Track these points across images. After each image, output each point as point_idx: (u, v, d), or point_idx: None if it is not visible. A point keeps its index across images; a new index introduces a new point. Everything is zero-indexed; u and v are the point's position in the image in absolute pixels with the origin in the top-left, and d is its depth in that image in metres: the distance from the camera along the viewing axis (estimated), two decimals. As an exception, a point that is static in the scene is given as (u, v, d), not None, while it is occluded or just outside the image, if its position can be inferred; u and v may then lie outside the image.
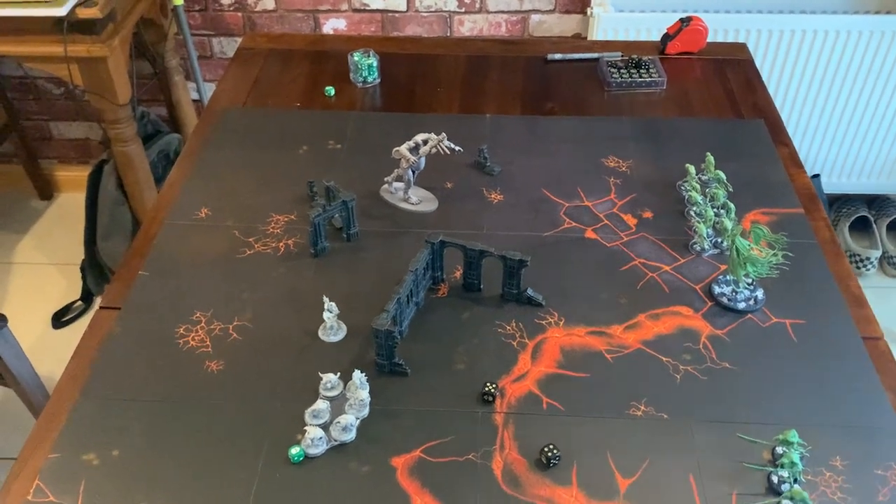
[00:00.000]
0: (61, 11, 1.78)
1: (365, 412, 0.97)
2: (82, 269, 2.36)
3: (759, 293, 1.13)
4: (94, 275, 2.36)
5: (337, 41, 1.77)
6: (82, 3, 1.79)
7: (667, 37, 1.66)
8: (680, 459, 0.93)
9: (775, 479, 0.90)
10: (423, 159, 1.25)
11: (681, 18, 1.66)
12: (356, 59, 1.56)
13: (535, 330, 1.08)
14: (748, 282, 1.13)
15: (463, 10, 2.21)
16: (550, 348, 1.06)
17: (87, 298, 2.36)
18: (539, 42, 1.74)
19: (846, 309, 1.12)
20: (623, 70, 1.59)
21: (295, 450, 0.92)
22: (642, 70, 1.59)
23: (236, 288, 1.14)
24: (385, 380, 1.02)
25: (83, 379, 1.02)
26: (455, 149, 1.26)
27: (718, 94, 1.56)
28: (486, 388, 0.99)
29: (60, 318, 2.30)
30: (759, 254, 1.10)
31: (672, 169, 1.36)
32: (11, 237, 2.58)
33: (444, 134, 1.24)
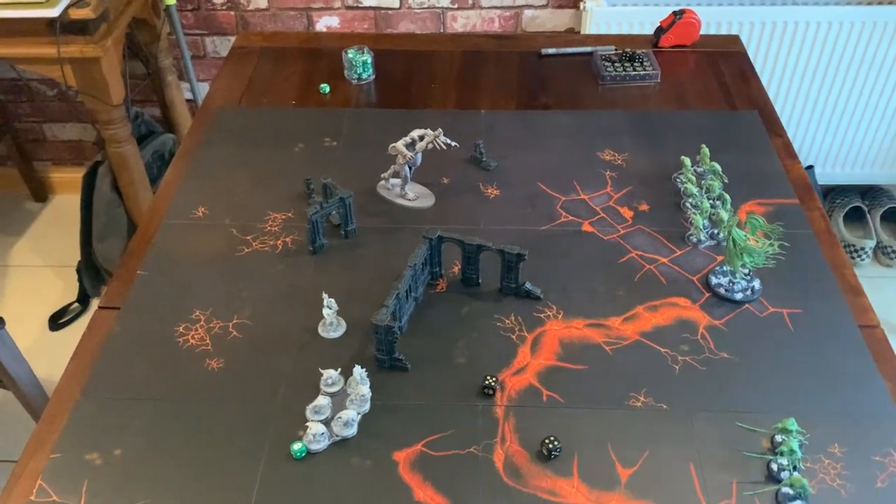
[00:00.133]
0: (54, 12, 1.77)
1: (366, 407, 0.97)
2: (78, 271, 2.35)
3: (756, 283, 1.13)
4: (91, 276, 2.35)
5: (331, 38, 1.77)
6: (75, 3, 1.79)
7: (660, 30, 1.67)
8: (680, 449, 0.94)
9: (775, 467, 0.91)
10: (419, 155, 1.26)
11: (674, 11, 1.66)
12: (350, 55, 1.56)
13: (533, 323, 1.09)
14: (745, 272, 1.13)
15: (456, 6, 2.21)
16: (549, 341, 1.07)
17: (83, 300, 2.35)
18: (533, 37, 1.75)
19: (842, 298, 1.12)
20: (617, 64, 1.59)
21: (297, 445, 0.92)
22: (636, 63, 1.59)
23: (235, 286, 1.14)
24: (385, 375, 1.02)
25: (84, 379, 1.02)
26: (451, 144, 1.26)
27: (712, 87, 1.57)
28: (487, 382, 0.99)
29: (57, 321, 2.30)
30: (755, 244, 1.10)
31: (667, 161, 1.36)
32: (6, 240, 2.58)
33: (440, 129, 1.25)
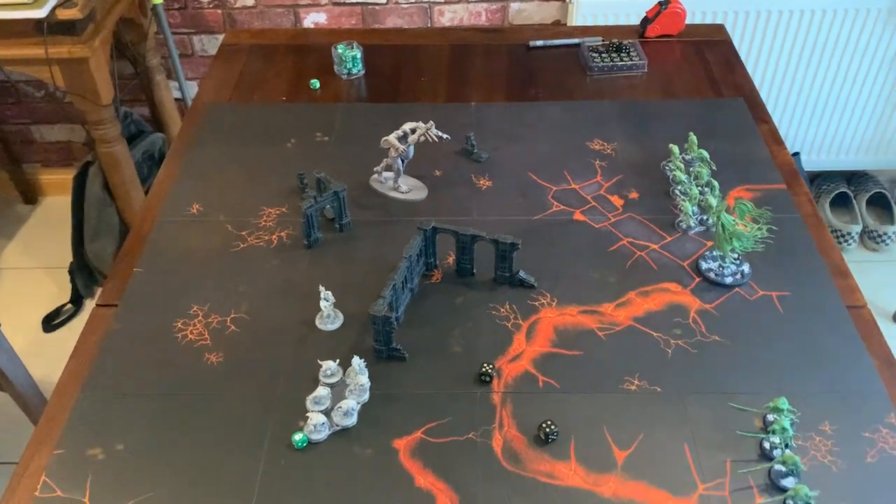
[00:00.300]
0: (41, 13, 1.77)
1: (365, 397, 0.99)
2: (71, 272, 2.35)
3: (746, 267, 1.15)
4: (83, 277, 2.35)
5: (319, 34, 1.78)
6: (62, 4, 1.79)
7: (646, 20, 1.68)
8: (674, 430, 0.95)
9: (767, 446, 0.93)
10: (411, 148, 1.27)
11: (659, 1, 1.68)
12: (340, 51, 1.57)
13: (528, 311, 1.11)
14: (734, 257, 1.15)
15: (443, 0, 2.22)
16: (544, 328, 1.08)
17: (76, 301, 2.35)
18: (521, 30, 1.76)
19: (830, 280, 1.14)
20: (604, 54, 1.61)
21: (298, 436, 0.94)
22: (623, 54, 1.61)
23: (232, 281, 1.15)
24: (383, 365, 1.03)
25: (84, 375, 1.03)
26: (443, 136, 1.27)
27: (698, 75, 1.59)
28: (483, 369, 1.01)
29: (51, 322, 2.30)
30: (744, 229, 1.12)
31: (656, 149, 1.38)
32: (-3, 243, 2.57)
33: (431, 122, 1.26)
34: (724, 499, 0.89)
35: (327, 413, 0.96)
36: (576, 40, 1.67)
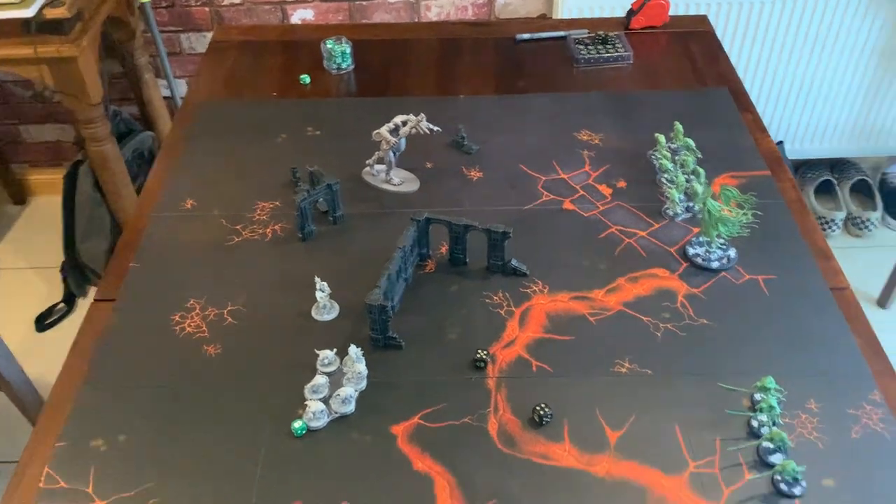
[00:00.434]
0: (29, 12, 1.77)
1: (363, 385, 1.01)
2: (62, 272, 2.36)
3: (732, 252, 1.18)
4: (76, 277, 2.36)
5: (308, 30, 1.79)
6: (49, 3, 1.79)
7: (631, 12, 1.71)
8: (665, 411, 0.98)
9: (755, 424, 0.96)
10: (403, 140, 1.29)
11: (643, -7, 1.70)
12: (329, 46, 1.58)
13: (520, 298, 1.13)
14: (721, 242, 1.18)
15: (429, -5, 2.24)
16: (536, 314, 1.10)
17: (69, 301, 2.36)
18: (507, 23, 1.78)
19: (814, 263, 1.17)
20: (590, 46, 1.63)
21: (297, 423, 0.95)
22: (609, 46, 1.63)
23: (228, 274, 1.17)
24: (380, 354, 1.05)
25: (84, 369, 1.04)
26: (433, 129, 1.29)
27: (683, 66, 1.61)
28: (478, 355, 1.03)
29: (43, 322, 2.30)
30: (729, 214, 1.15)
31: (642, 139, 1.41)
32: (-13, 244, 2.57)
33: (422, 114, 1.28)
34: (714, 476, 0.91)
35: (325, 401, 0.98)
36: (562, 33, 1.69)
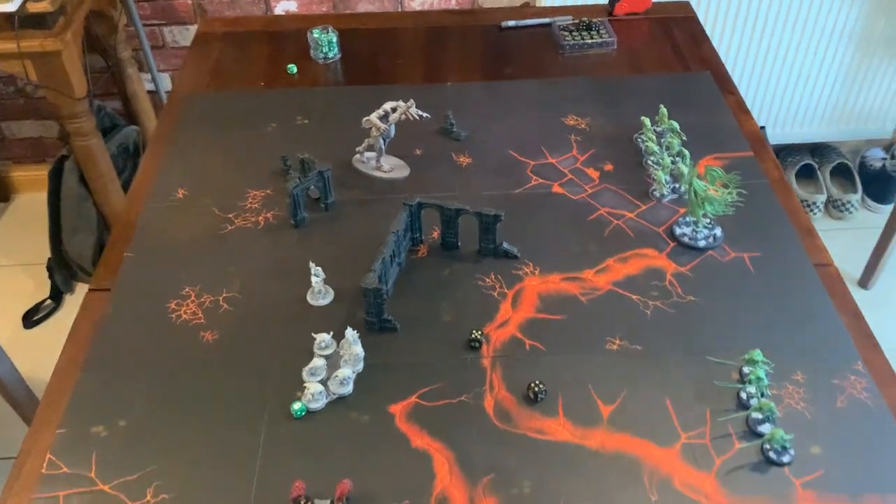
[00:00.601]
0: (11, 7, 1.77)
1: (360, 367, 1.02)
2: (49, 268, 2.35)
3: (718, 231, 1.20)
4: (62, 273, 2.35)
5: (293, 20, 1.79)
6: (32, -3, 1.78)
7: (614, -1, 1.73)
8: (656, 385, 1.00)
9: (744, 396, 0.98)
10: (393, 127, 1.30)
11: (626, -20, 1.72)
12: (316, 35, 1.59)
13: (512, 280, 1.15)
14: (707, 221, 1.20)
15: (413, -15, 2.25)
16: (529, 295, 1.12)
17: (56, 297, 2.35)
18: (492, 11, 1.79)
19: (798, 240, 1.20)
20: (575, 33, 1.65)
21: (297, 405, 0.97)
22: (593, 32, 1.65)
23: (222, 262, 1.18)
24: (376, 336, 1.07)
25: (82, 357, 1.05)
26: (423, 115, 1.30)
27: (666, 51, 1.64)
28: (473, 336, 1.05)
29: (31, 318, 2.29)
30: (715, 193, 1.17)
31: (628, 123, 1.43)
32: (-28, 242, 2.55)
33: (412, 101, 1.29)
34: (705, 446, 0.94)
35: (324, 383, 1.00)
36: (546, 20, 1.70)
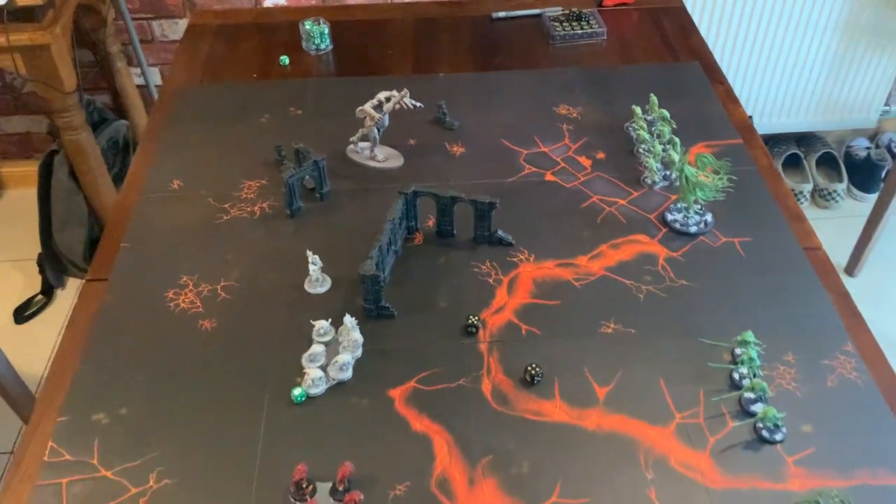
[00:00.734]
0: (0, 0, 1.76)
1: (358, 352, 1.03)
2: (40, 263, 2.34)
3: (709, 217, 1.22)
4: (53, 267, 2.34)
5: (284, 12, 1.80)
6: (21, -10, 1.77)
7: (603, -10, 1.74)
8: (650, 367, 1.02)
9: (736, 376, 1.00)
10: (386, 116, 1.31)
11: (615, -29, 1.74)
12: (308, 27, 1.60)
13: (508, 267, 1.16)
14: (698, 207, 1.22)
15: (402, -23, 2.25)
16: (524, 282, 1.14)
17: (47, 292, 2.34)
18: (483, 2, 1.80)
19: (787, 224, 1.22)
20: (565, 23, 1.67)
21: (297, 391, 0.98)
22: (583, 22, 1.67)
23: (219, 251, 1.18)
24: (373, 323, 1.08)
25: (81, 346, 1.05)
26: (417, 105, 1.31)
27: (655, 41, 1.65)
28: (469, 321, 1.06)
29: (22, 314, 2.28)
30: (706, 179, 1.19)
31: (619, 112, 1.44)
32: (-40, 238, 2.54)
33: (405, 90, 1.30)
34: (699, 426, 0.96)
35: (323, 369, 1.01)
36: (537, 11, 1.72)
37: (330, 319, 1.06)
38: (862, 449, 0.93)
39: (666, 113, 1.35)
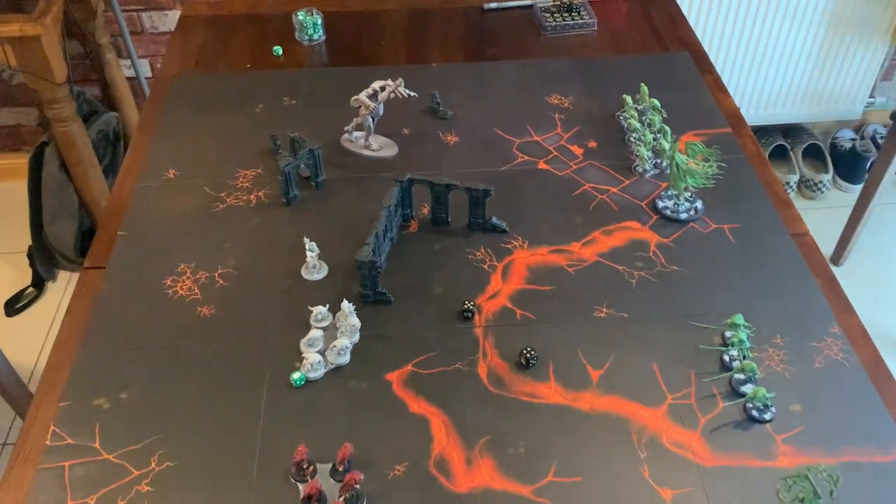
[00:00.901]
0: (-10, -10, 1.75)
1: (356, 337, 1.05)
2: (30, 256, 2.34)
3: (699, 204, 1.25)
4: (43, 260, 2.34)
5: (277, 3, 1.80)
6: (11, -20, 1.77)
7: (593, -19, 1.76)
8: (642, 350, 1.04)
9: (727, 358, 1.03)
10: (381, 105, 1.32)
11: (605, -37, 1.75)
12: (301, 17, 1.60)
13: (502, 253, 1.18)
14: (688, 194, 1.24)
15: (393, -31, 2.25)
16: (518, 268, 1.16)
17: (38, 284, 2.34)
18: (473, -6, 1.82)
19: (775, 211, 1.25)
20: (556, 14, 1.68)
21: (296, 375, 0.99)
22: (574, 14, 1.68)
23: (215, 239, 1.19)
24: (371, 309, 1.09)
25: (80, 333, 1.06)
26: (411, 94, 1.33)
27: (645, 32, 1.67)
28: (465, 306, 1.08)
29: (13, 306, 2.28)
30: (696, 167, 1.21)
31: (610, 101, 1.46)
32: (-51, 231, 2.53)
33: (400, 79, 1.31)
34: (690, 406, 0.98)
35: (321, 353, 1.02)
36: (528, 2, 1.73)
37: (327, 305, 1.07)
38: (849, 427, 0.96)
39: (656, 102, 1.37)
